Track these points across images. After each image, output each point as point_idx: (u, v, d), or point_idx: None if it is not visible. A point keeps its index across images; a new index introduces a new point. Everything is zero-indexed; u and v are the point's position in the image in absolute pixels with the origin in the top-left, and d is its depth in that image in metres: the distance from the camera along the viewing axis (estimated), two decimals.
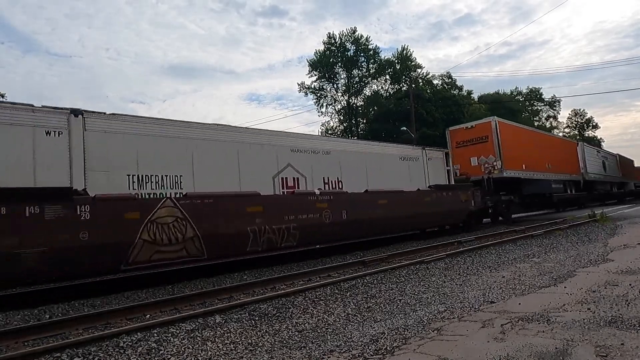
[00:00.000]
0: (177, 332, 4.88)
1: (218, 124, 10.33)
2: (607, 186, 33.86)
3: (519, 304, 5.27)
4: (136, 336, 4.72)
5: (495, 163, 18.14)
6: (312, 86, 50.91)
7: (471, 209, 16.41)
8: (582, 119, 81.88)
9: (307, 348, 4.19)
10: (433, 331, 4.42)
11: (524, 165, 19.86)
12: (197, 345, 4.45)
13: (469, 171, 18.74)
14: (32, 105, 7.36)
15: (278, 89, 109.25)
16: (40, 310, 6.45)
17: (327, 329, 4.83)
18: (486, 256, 9.61)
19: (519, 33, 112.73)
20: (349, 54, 50.16)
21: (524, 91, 71.84)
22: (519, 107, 66.93)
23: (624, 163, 41.34)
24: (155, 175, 8.49)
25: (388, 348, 3.99)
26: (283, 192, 10.74)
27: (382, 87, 52.08)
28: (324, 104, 51.47)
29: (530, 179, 20.50)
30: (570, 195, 25.82)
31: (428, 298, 5.98)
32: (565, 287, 5.97)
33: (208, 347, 4.38)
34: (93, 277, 8.93)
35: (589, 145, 34.02)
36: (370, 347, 4.04)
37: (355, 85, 51.49)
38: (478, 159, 18.70)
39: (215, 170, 9.50)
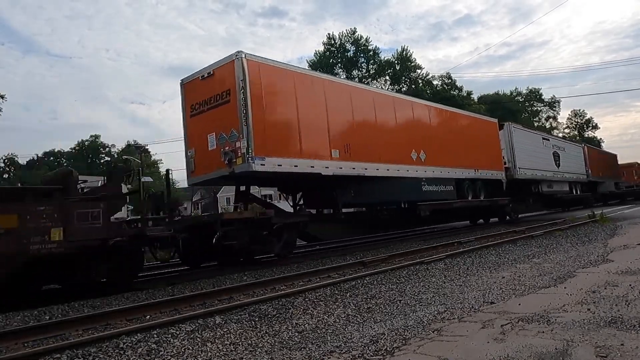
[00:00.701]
0: (177, 333, 4.88)
1: None
2: (562, 187, 24.92)
3: (519, 304, 5.27)
4: (136, 337, 4.71)
5: (239, 145, 9.50)
6: None
7: (36, 251, 6.88)
8: (581, 120, 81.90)
9: (307, 349, 4.18)
10: (433, 332, 4.42)
11: (335, 152, 11.13)
12: (197, 346, 4.44)
13: (208, 159, 10.23)
14: None
15: None
16: (40, 311, 6.44)
17: (327, 329, 4.83)
18: (486, 257, 9.61)
19: (519, 34, 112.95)
20: (348, 54, 50.24)
21: (524, 92, 71.88)
22: (519, 107, 66.96)
23: (598, 158, 32.95)
24: None
25: (388, 349, 3.99)
26: None
27: (382, 88, 52.12)
28: None
29: (354, 176, 11.61)
30: (469, 203, 16.76)
31: (428, 299, 5.98)
32: (565, 288, 5.97)
33: (208, 348, 4.38)
34: None
35: (525, 129, 23.31)
36: (370, 348, 4.04)
37: None
38: (217, 138, 10.06)
39: None
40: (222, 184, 10.91)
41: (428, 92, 48.17)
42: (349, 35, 50.28)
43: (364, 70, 51.26)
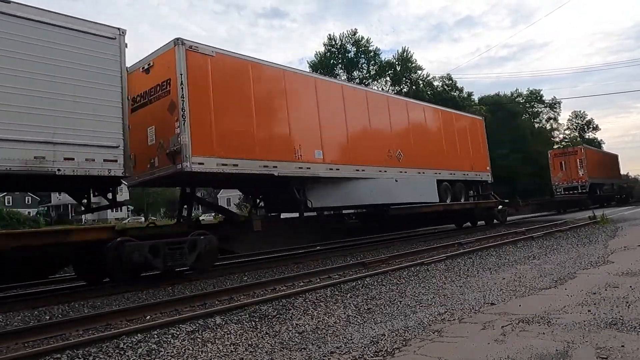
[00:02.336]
0: (178, 333, 4.88)
1: None
2: None
3: (520, 305, 5.26)
4: (136, 337, 4.71)
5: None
6: None
7: None
8: (582, 121, 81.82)
9: (308, 349, 4.18)
10: (433, 333, 4.42)
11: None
12: (197, 347, 4.45)
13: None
14: None
15: None
16: (40, 311, 6.44)
17: (327, 330, 4.83)
18: (486, 258, 9.60)
19: (520, 35, 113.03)
20: (349, 55, 50.23)
21: (525, 93, 71.78)
22: (519, 108, 66.88)
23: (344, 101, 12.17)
24: None
25: (388, 350, 3.99)
26: None
27: (382, 89, 52.11)
28: None
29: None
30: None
31: (428, 300, 5.98)
32: (565, 289, 5.96)
33: (208, 349, 4.38)
34: None
35: None
36: (370, 349, 4.04)
37: None
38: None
39: None
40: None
41: (428, 93, 48.15)
42: (350, 36, 50.28)
43: (365, 71, 51.27)
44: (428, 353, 3.85)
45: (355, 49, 50.23)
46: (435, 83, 51.87)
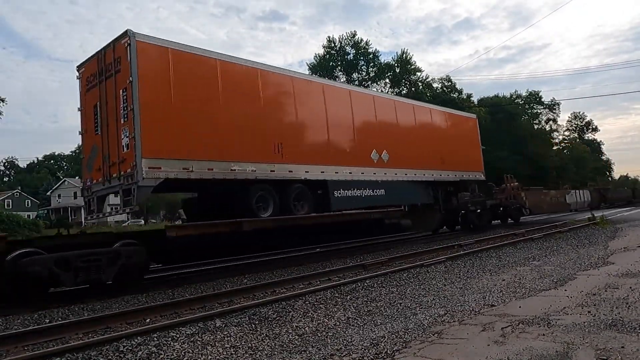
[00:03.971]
0: (177, 336, 4.88)
1: None
2: None
3: (520, 307, 5.26)
4: (136, 340, 4.71)
5: None
6: None
7: None
8: (581, 122, 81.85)
9: (308, 352, 4.18)
10: (433, 334, 4.42)
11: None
12: (197, 350, 4.44)
13: None
14: None
15: None
16: (40, 315, 6.43)
17: (327, 332, 4.83)
18: (486, 259, 9.60)
19: (519, 37, 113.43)
20: (348, 57, 50.29)
21: (524, 94, 71.78)
22: (519, 110, 66.90)
23: None
24: None
25: (388, 352, 3.99)
26: None
27: (382, 91, 52.16)
28: None
29: None
30: None
31: (428, 301, 5.98)
32: (565, 290, 5.97)
33: (208, 352, 4.37)
34: None
35: None
36: (370, 351, 4.04)
37: None
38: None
39: None
40: None
41: (428, 95, 48.16)
42: (349, 38, 50.34)
43: (364, 73, 51.33)
44: (428, 355, 3.85)
45: (354, 51, 50.30)
46: (435, 85, 51.94)
